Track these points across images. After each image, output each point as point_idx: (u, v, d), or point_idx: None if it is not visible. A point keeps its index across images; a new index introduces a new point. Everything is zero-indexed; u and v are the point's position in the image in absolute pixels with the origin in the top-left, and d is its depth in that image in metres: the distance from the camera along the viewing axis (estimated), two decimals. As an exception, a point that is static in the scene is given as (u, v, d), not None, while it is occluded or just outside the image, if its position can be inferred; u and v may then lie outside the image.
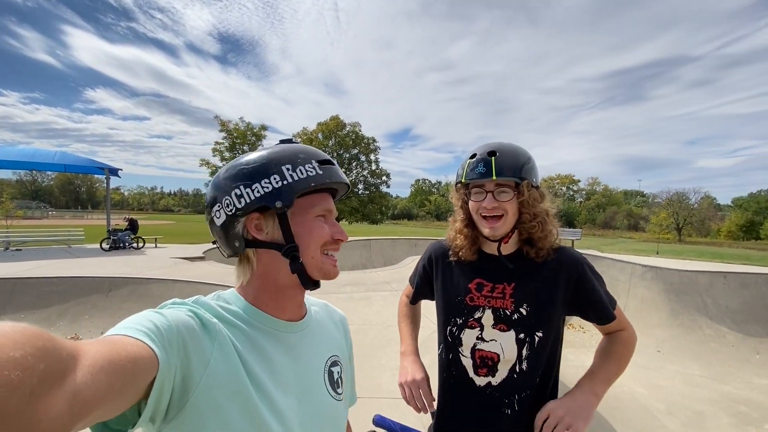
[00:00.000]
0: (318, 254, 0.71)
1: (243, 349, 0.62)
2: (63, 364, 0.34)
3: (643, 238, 43.56)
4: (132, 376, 0.42)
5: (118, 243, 12.32)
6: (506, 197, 1.10)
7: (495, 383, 1.11)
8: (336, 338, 0.86)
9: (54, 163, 13.25)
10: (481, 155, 1.12)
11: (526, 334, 1.10)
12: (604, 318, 1.13)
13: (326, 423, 0.73)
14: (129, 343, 0.45)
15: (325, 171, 0.71)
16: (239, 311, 0.67)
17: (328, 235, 0.72)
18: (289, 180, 0.67)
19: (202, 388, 0.54)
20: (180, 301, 0.61)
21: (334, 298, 6.09)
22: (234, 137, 30.03)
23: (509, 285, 1.14)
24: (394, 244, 14.45)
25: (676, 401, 4.81)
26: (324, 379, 0.76)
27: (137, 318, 0.51)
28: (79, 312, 6.14)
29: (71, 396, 0.34)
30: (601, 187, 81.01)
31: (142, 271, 7.47)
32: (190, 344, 0.54)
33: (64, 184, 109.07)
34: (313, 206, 0.72)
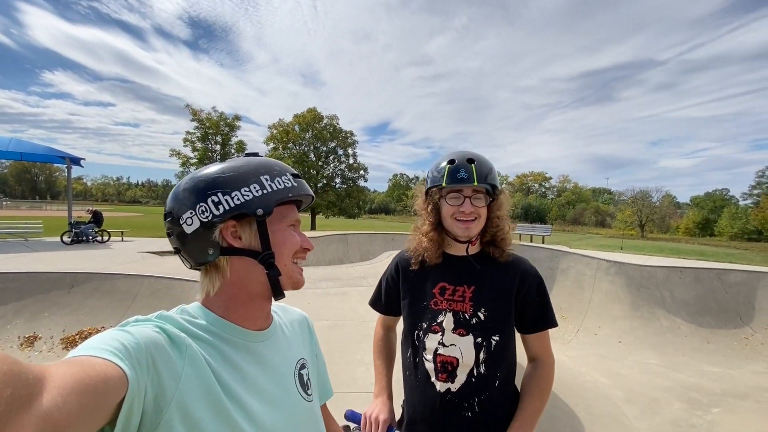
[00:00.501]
0: (290, 262, 0.74)
1: (214, 362, 0.62)
2: (30, 388, 0.34)
3: (610, 234, 45.55)
4: (103, 395, 0.42)
5: (81, 236, 11.74)
6: (481, 203, 1.19)
7: (454, 389, 1.17)
8: (300, 340, 0.88)
9: (8, 151, 12.45)
10: (460, 162, 1.18)
11: (483, 338, 1.17)
12: (547, 321, 1.22)
13: (302, 426, 0.75)
14: (96, 363, 0.44)
15: (298, 184, 0.75)
16: (207, 325, 0.66)
17: (298, 243, 0.75)
18: (268, 189, 0.70)
19: (176, 404, 0.53)
20: (143, 318, 0.60)
21: (311, 293, 6.06)
22: (206, 127, 29.12)
23: (469, 288, 1.21)
24: (371, 239, 14.47)
25: (634, 389, 5.10)
26: (295, 383, 0.77)
27: (102, 337, 0.50)
28: (38, 309, 5.82)
29: (40, 419, 0.33)
30: (572, 185, 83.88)
31: (108, 266, 7.17)
32: (159, 361, 0.53)
33: (20, 172, 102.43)
34: (286, 216, 0.74)
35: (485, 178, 1.17)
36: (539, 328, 1.22)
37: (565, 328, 7.49)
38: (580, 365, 5.87)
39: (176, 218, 0.68)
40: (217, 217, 0.66)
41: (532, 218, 66.45)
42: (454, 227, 1.20)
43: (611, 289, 7.71)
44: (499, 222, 1.23)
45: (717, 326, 6.60)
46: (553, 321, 1.23)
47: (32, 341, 5.33)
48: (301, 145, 31.34)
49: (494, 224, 1.23)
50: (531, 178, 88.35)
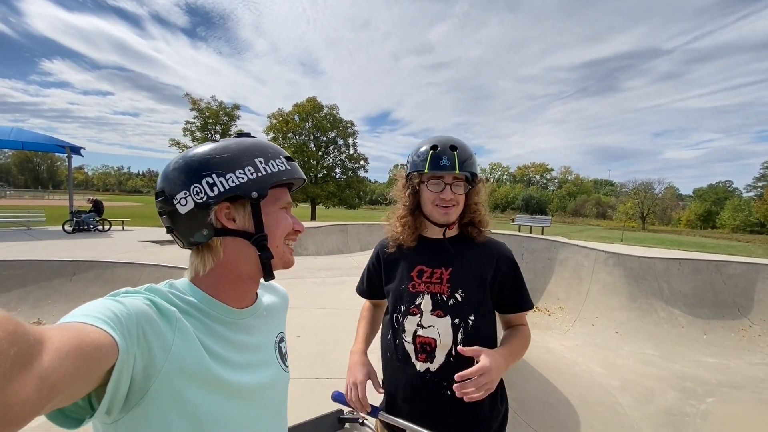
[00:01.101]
0: (281, 244, 0.75)
1: (203, 335, 0.64)
2: (31, 349, 0.35)
3: (610, 225, 45.51)
4: (96, 362, 0.43)
5: (82, 225, 11.78)
6: (460, 190, 1.21)
7: (433, 369, 1.20)
8: (280, 316, 0.91)
9: (10, 140, 12.40)
10: (443, 148, 1.19)
11: (460, 319, 1.19)
12: (524, 304, 1.25)
13: (281, 394, 0.82)
14: (90, 330, 0.45)
15: (291, 167, 0.76)
16: (195, 301, 0.68)
17: (290, 225, 0.76)
18: (263, 172, 0.70)
19: (165, 374, 0.54)
20: (133, 290, 0.61)
21: (309, 282, 6.10)
22: (206, 117, 28.94)
23: (446, 270, 1.23)
24: (370, 230, 14.49)
25: (629, 379, 5.16)
26: (276, 355, 0.81)
27: (94, 305, 0.51)
28: (42, 296, 5.90)
29: (39, 380, 0.34)
30: (573, 176, 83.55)
31: (109, 255, 7.22)
32: (149, 332, 0.54)
33: (23, 161, 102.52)
34: (279, 199, 0.75)
35: (466, 165, 1.19)
36: (518, 310, 1.26)
37: (562, 318, 7.54)
38: (576, 355, 5.93)
39: (169, 198, 0.68)
40: (212, 199, 0.67)
41: (533, 209, 66.32)
42: (434, 212, 1.22)
43: (609, 280, 7.73)
44: (477, 207, 1.26)
45: (715, 317, 6.63)
46: (529, 303, 1.27)
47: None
48: (301, 135, 31.12)
49: (472, 210, 1.26)
50: (532, 170, 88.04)
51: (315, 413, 1.81)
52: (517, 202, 70.93)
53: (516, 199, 72.11)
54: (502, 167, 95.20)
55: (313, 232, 12.18)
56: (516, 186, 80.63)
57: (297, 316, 4.35)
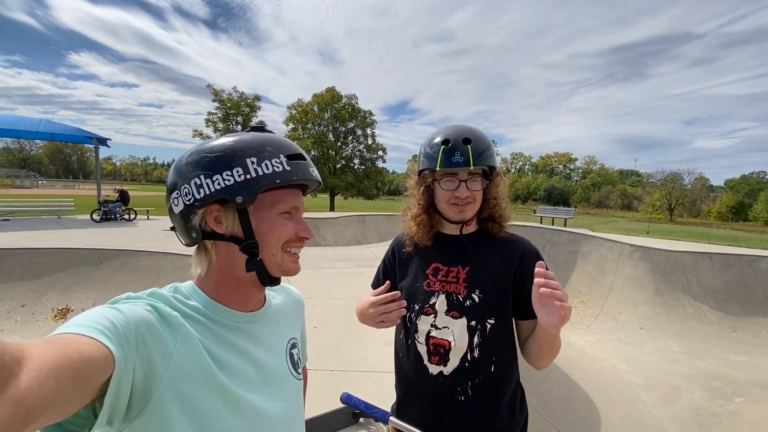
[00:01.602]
0: (279, 251, 0.69)
1: (207, 341, 0.61)
2: (6, 370, 0.33)
3: (636, 217, 44.04)
4: (84, 377, 0.41)
5: (109, 214, 12.19)
6: (477, 186, 1.12)
7: (446, 373, 1.12)
8: (293, 320, 0.87)
9: (39, 132, 12.88)
10: (455, 142, 1.10)
11: (477, 321, 1.11)
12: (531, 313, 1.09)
13: (292, 404, 0.76)
14: (82, 342, 0.43)
15: (293, 167, 0.68)
16: (198, 306, 0.65)
17: (291, 232, 0.70)
18: (253, 174, 0.64)
19: (167, 382, 0.53)
20: (135, 296, 0.59)
21: (326, 273, 6.14)
22: (227, 107, 29.33)
23: (463, 269, 1.15)
24: (388, 220, 14.47)
25: (654, 376, 5.00)
26: (287, 362, 0.77)
27: (91, 314, 0.49)
28: (70, 284, 6.14)
29: (13, 403, 0.32)
30: (598, 166, 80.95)
31: (134, 243, 7.44)
32: (149, 339, 0.52)
33: (54, 152, 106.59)
34: (277, 203, 0.69)
35: (482, 159, 1.10)
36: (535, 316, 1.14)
37: (584, 312, 7.36)
38: (598, 351, 5.78)
39: (169, 195, 0.68)
40: (198, 201, 0.64)
41: (555, 200, 64.72)
42: (449, 211, 1.15)
43: (634, 274, 7.48)
44: (496, 202, 1.17)
45: (745, 314, 6.35)
46: None
47: (65, 313, 5.64)
48: (320, 126, 31.18)
49: (491, 204, 1.17)
50: (555, 159, 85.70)
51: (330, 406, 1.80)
52: (539, 192, 69.34)
53: (538, 190, 70.49)
54: (524, 157, 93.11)
55: (332, 223, 12.25)
56: (538, 176, 78.69)
57: (314, 307, 4.39)
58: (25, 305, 5.72)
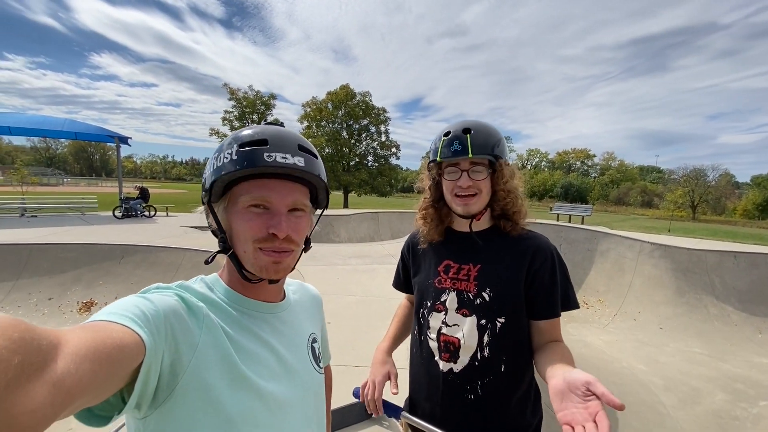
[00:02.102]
0: (249, 248, 0.66)
1: (232, 331, 0.63)
2: (42, 355, 0.34)
3: (656, 215, 42.80)
4: (117, 363, 0.42)
5: (130, 211, 12.55)
6: (480, 176, 1.10)
7: (456, 370, 1.12)
8: (313, 316, 0.89)
9: (64, 131, 13.32)
10: (455, 133, 1.09)
11: (487, 320, 1.09)
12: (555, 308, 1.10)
13: (313, 396, 0.77)
14: (114, 329, 0.44)
15: (239, 156, 0.63)
16: (223, 296, 0.67)
17: (257, 228, 0.65)
18: (211, 169, 0.67)
19: (192, 370, 0.54)
20: (164, 286, 0.61)
21: (340, 269, 6.18)
22: (243, 106, 29.73)
23: (474, 267, 1.14)
24: (401, 218, 14.46)
25: (674, 377, 4.87)
26: (308, 355, 0.79)
27: (123, 303, 0.51)
28: (94, 278, 6.35)
29: (52, 386, 0.33)
30: (617, 163, 78.91)
31: (153, 240, 7.64)
32: (177, 328, 0.54)
33: (78, 151, 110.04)
34: (240, 196, 0.66)
35: (483, 148, 1.07)
36: (547, 315, 1.10)
37: (602, 312, 7.22)
38: (616, 351, 5.67)
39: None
40: (204, 195, 0.69)
41: (572, 198, 63.40)
42: (454, 204, 1.14)
43: (654, 273, 7.29)
44: (507, 195, 1.12)
45: (772, 316, 6.11)
46: (569, 305, 1.12)
47: (89, 306, 5.85)
48: (334, 123, 31.31)
49: (501, 197, 1.12)
50: (573, 156, 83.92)
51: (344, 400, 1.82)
52: (556, 189, 68.00)
53: (554, 187, 69.09)
54: (541, 153, 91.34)
55: (345, 220, 12.30)
56: (555, 173, 77.15)
57: (328, 303, 4.42)
58: (52, 298, 5.95)
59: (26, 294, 5.97)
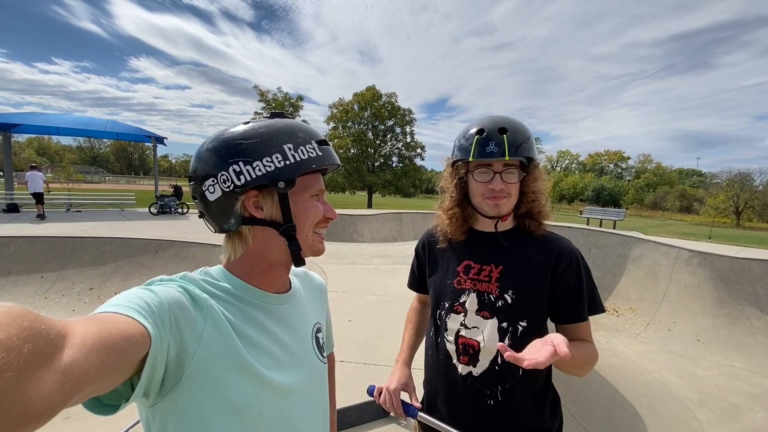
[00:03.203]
0: (311, 233, 0.73)
1: (237, 321, 0.63)
2: (52, 344, 0.34)
3: (696, 221, 40.52)
4: (123, 353, 0.43)
5: (165, 208, 13.11)
6: (513, 179, 1.06)
7: (476, 374, 1.09)
8: (317, 305, 0.90)
9: (106, 131, 14.09)
10: (490, 132, 1.05)
11: (509, 323, 1.06)
12: (582, 313, 1.06)
13: (317, 385, 0.79)
14: (120, 320, 0.45)
15: (323, 152, 0.71)
16: (229, 287, 0.67)
17: (321, 214, 0.73)
18: (291, 160, 0.67)
19: (197, 361, 0.55)
20: (168, 278, 0.62)
21: (362, 269, 6.23)
22: (272, 107, 30.48)
23: (496, 268, 1.10)
24: (425, 219, 14.38)
25: (711, 392, 4.62)
26: (313, 345, 0.80)
27: (127, 295, 0.52)
28: (130, 270, 6.69)
29: (61, 374, 0.34)
30: (653, 165, 75.29)
31: (186, 235, 7.94)
32: (181, 319, 0.54)
33: (119, 151, 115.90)
34: (309, 186, 0.72)
35: (519, 150, 1.04)
36: (574, 319, 1.06)
37: (633, 320, 6.92)
38: (648, 361, 5.42)
39: (200, 183, 0.68)
40: (239, 188, 0.65)
41: (604, 201, 60.94)
42: (483, 205, 1.09)
43: (692, 281, 6.92)
44: (534, 197, 1.10)
45: (825, 331, 5.67)
46: (595, 309, 1.08)
47: (126, 297, 6.16)
48: (360, 124, 31.55)
49: (529, 199, 1.10)
50: (606, 158, 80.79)
51: (362, 398, 1.84)
52: (587, 193, 65.56)
53: (585, 190, 66.61)
54: (571, 155, 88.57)
55: (369, 220, 12.38)
56: (586, 175, 74.49)
57: (349, 301, 4.47)
58: (92, 288, 6.31)
59: (70, 284, 6.36)
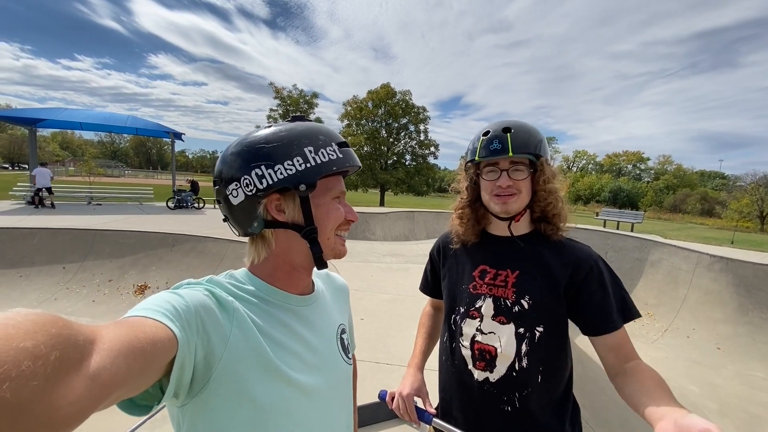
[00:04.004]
0: (332, 235, 0.73)
1: (262, 323, 0.64)
2: (80, 350, 0.35)
3: (718, 225, 39.31)
4: (151, 356, 0.44)
5: (182, 202, 13.39)
6: (521, 176, 1.07)
7: (493, 380, 1.07)
8: (340, 306, 0.90)
9: (127, 127, 14.43)
10: (495, 132, 1.07)
11: (526, 329, 1.04)
12: (613, 321, 0.99)
13: (343, 386, 0.79)
14: (148, 324, 0.46)
15: (344, 154, 0.72)
16: (253, 289, 0.69)
17: (342, 216, 0.73)
18: (312, 163, 0.68)
19: (224, 363, 0.56)
20: (195, 281, 0.63)
21: (375, 267, 6.23)
22: (287, 104, 30.74)
23: (512, 273, 1.09)
24: (438, 218, 14.32)
25: (731, 403, 4.48)
26: (338, 347, 0.80)
27: (155, 299, 0.53)
28: (148, 263, 6.84)
29: (89, 380, 0.35)
30: (674, 167, 73.28)
31: (201, 230, 8.07)
32: (208, 323, 0.56)
33: (138, 146, 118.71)
34: (330, 189, 0.72)
35: (524, 147, 1.04)
36: (606, 329, 1.00)
37: (650, 326, 6.76)
38: (665, 369, 5.29)
39: (225, 187, 0.69)
40: (261, 191, 0.66)
41: (622, 203, 59.65)
42: (492, 203, 1.10)
43: (713, 287, 6.72)
44: (547, 196, 1.09)
45: None
46: (629, 314, 1.02)
47: (143, 290, 6.31)
48: (374, 122, 31.54)
49: (541, 198, 1.09)
50: (624, 158, 79.00)
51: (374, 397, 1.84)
52: (604, 194, 64.24)
53: (602, 191, 65.26)
54: (588, 155, 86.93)
55: (381, 218, 12.38)
56: (603, 176, 72.96)
57: (361, 299, 4.48)
58: (111, 280, 6.48)
59: (90, 275, 6.54)
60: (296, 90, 31.40)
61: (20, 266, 6.52)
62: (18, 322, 0.32)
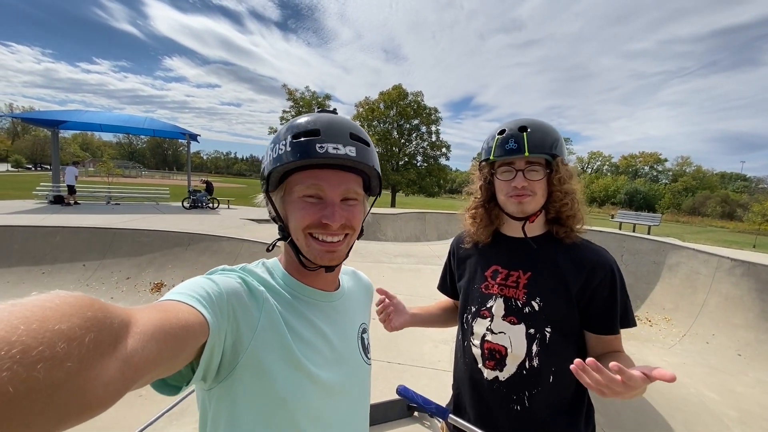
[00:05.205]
0: (302, 237, 0.68)
1: (288, 315, 0.65)
2: (114, 333, 0.36)
3: (739, 228, 38.15)
4: (183, 341, 0.45)
5: (197, 203, 13.62)
6: (537, 176, 1.05)
7: (502, 379, 1.07)
8: (363, 306, 0.90)
9: (144, 128, 14.78)
10: (511, 130, 1.05)
11: (536, 329, 1.04)
12: (615, 325, 1.03)
13: (361, 386, 0.79)
14: (181, 309, 0.48)
15: (293, 147, 0.64)
16: (281, 281, 0.70)
17: (309, 217, 0.67)
18: (267, 159, 0.69)
19: (251, 351, 0.58)
20: (229, 268, 0.65)
21: (386, 267, 6.24)
22: (300, 106, 31.04)
23: (524, 274, 1.09)
24: (449, 219, 14.25)
25: (753, 411, 4.34)
26: (358, 346, 0.80)
27: (190, 284, 0.55)
28: (165, 261, 6.99)
29: (122, 363, 0.36)
30: (692, 168, 71.37)
31: (216, 230, 8.20)
32: (238, 310, 0.57)
33: (154, 147, 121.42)
34: (296, 185, 0.68)
35: (540, 147, 1.03)
36: (607, 332, 1.04)
37: (668, 331, 6.60)
38: (683, 375, 5.16)
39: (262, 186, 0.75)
40: (262, 185, 0.71)
41: (638, 205, 58.35)
42: (508, 204, 1.09)
43: (734, 292, 6.52)
44: (563, 197, 1.06)
45: None
46: (628, 323, 1.05)
47: (159, 287, 6.44)
48: (385, 123, 31.59)
49: (557, 198, 1.06)
50: (640, 160, 77.30)
51: (385, 396, 1.85)
52: (619, 196, 62.92)
53: (618, 193, 63.92)
54: (603, 156, 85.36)
55: (392, 219, 12.38)
56: (618, 178, 71.49)
57: (373, 299, 4.49)
58: (129, 278, 6.64)
59: (109, 272, 6.71)
60: (308, 92, 31.69)
61: (43, 263, 6.73)
62: (56, 305, 0.32)
